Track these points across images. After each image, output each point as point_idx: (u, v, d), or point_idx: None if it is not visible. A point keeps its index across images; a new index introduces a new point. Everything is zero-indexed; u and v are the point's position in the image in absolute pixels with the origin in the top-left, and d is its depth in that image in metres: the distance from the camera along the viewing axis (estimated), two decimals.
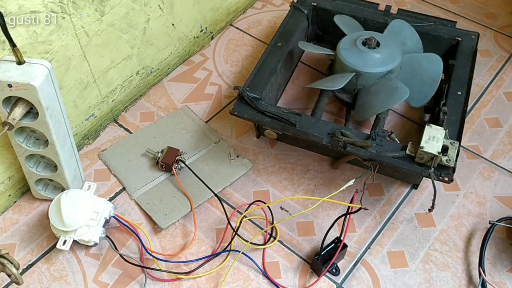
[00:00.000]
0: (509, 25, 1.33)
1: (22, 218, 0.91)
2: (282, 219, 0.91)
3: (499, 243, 0.89)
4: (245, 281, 0.84)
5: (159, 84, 1.17)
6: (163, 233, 0.90)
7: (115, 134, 1.06)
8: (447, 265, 0.86)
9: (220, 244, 0.87)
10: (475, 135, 1.06)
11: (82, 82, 0.96)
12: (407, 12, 1.13)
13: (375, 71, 0.96)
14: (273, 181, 0.98)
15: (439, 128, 0.85)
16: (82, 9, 0.87)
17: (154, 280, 0.83)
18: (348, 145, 0.85)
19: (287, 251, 0.88)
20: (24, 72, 0.74)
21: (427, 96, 0.97)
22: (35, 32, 0.80)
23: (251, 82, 0.97)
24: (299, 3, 1.16)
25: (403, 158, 0.84)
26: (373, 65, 0.96)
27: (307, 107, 1.10)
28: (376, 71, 0.96)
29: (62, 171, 0.87)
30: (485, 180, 0.98)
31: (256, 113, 0.92)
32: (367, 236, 0.90)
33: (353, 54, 0.97)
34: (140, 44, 1.05)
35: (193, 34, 1.21)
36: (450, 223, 0.92)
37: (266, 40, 1.27)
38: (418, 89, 0.97)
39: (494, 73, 1.20)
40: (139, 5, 0.99)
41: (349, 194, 0.94)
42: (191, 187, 0.95)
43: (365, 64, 0.96)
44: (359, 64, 0.96)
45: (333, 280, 0.84)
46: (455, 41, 1.08)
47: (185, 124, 1.07)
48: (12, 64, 0.75)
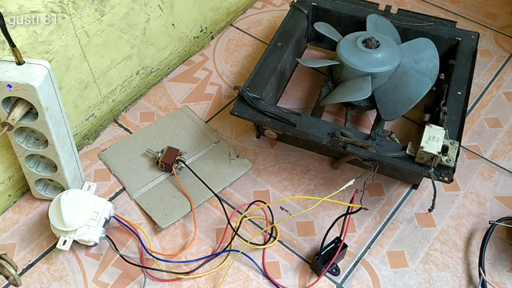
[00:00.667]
0: (509, 25, 1.33)
1: (22, 218, 0.91)
2: (282, 219, 0.91)
3: (499, 243, 0.89)
4: (245, 281, 0.84)
5: (159, 84, 1.17)
6: (163, 233, 0.90)
7: (115, 134, 1.06)
8: (447, 265, 0.86)
9: (220, 244, 0.87)
10: (475, 135, 1.06)
11: (82, 82, 0.96)
12: (407, 12, 1.13)
13: (388, 69, 0.96)
14: (273, 181, 0.98)
15: (439, 128, 0.85)
16: (82, 9, 0.86)
17: (154, 280, 0.83)
18: (348, 145, 0.85)
19: (287, 251, 0.88)
20: (24, 72, 0.74)
21: (397, 113, 0.95)
22: (35, 32, 0.80)
23: (251, 82, 0.97)
24: (299, 3, 1.16)
25: (403, 158, 0.84)
26: (383, 63, 0.96)
27: (307, 107, 1.10)
28: (388, 68, 0.96)
29: (62, 171, 0.87)
30: (485, 180, 0.98)
31: (256, 113, 0.92)
32: (367, 236, 0.90)
33: (358, 57, 0.97)
34: (140, 44, 1.05)
35: (193, 34, 1.21)
36: (450, 223, 0.92)
37: (266, 40, 1.27)
38: (393, 103, 0.96)
39: (494, 73, 1.20)
40: (139, 5, 0.99)
41: (349, 194, 0.94)
42: (191, 187, 0.95)
43: (376, 64, 0.96)
44: (369, 66, 0.96)
45: (333, 280, 0.84)
46: (455, 41, 1.08)
47: (185, 124, 1.07)
48: (12, 64, 0.75)
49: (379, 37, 0.99)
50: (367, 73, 0.96)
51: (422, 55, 1.02)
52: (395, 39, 1.05)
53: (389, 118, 0.96)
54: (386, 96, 0.97)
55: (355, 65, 0.97)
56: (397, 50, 1.00)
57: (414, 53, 1.03)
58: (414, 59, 1.02)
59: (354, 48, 0.98)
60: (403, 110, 0.94)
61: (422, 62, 1.02)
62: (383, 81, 0.98)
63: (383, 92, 0.97)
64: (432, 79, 1.00)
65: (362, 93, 0.94)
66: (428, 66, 1.02)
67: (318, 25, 1.09)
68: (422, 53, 1.03)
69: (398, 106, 0.95)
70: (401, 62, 0.99)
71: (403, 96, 0.95)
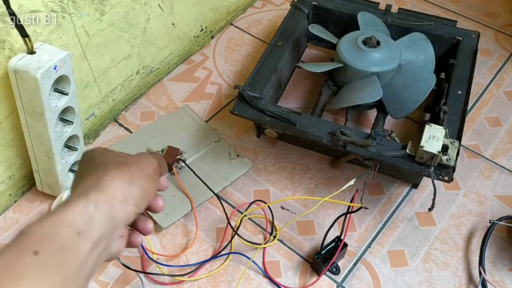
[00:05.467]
0: (509, 24, 1.33)
1: (23, 218, 0.92)
2: (282, 218, 0.92)
3: (499, 242, 0.89)
4: (245, 280, 0.84)
5: (159, 83, 1.17)
6: (163, 232, 0.90)
7: (115, 133, 1.06)
8: (447, 264, 0.86)
9: (221, 243, 0.87)
10: (475, 134, 1.06)
11: (82, 81, 0.96)
12: (408, 11, 1.13)
13: (391, 67, 0.97)
14: (273, 180, 0.98)
15: (439, 127, 0.85)
16: (82, 9, 0.86)
17: (153, 282, 0.83)
18: (348, 144, 0.86)
19: (287, 250, 0.88)
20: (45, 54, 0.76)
21: (406, 110, 0.95)
22: (35, 31, 0.80)
23: (252, 81, 0.97)
24: (300, 2, 1.16)
25: (403, 157, 0.84)
26: (386, 62, 0.97)
27: (307, 106, 1.10)
28: (391, 66, 0.97)
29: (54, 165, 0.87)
30: (485, 179, 0.98)
31: (256, 112, 0.92)
32: (368, 235, 0.90)
33: (361, 58, 0.97)
34: (140, 44, 1.05)
35: (193, 34, 1.21)
36: (450, 222, 0.92)
37: (267, 40, 1.27)
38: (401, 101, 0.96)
39: (494, 72, 1.20)
40: (139, 5, 0.99)
41: (349, 193, 0.94)
42: (192, 187, 0.95)
43: (379, 63, 0.96)
44: (373, 65, 0.96)
45: (333, 279, 0.84)
46: (456, 40, 1.08)
47: (185, 124, 1.07)
48: (26, 56, 0.75)
49: (377, 35, 0.99)
50: (372, 73, 0.96)
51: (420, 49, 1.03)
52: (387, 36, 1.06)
53: (399, 116, 0.97)
54: (394, 94, 0.97)
55: (359, 66, 0.96)
56: (397, 47, 1.00)
57: (411, 48, 1.03)
58: (413, 54, 1.03)
59: (355, 49, 0.98)
60: (413, 105, 0.95)
61: (421, 56, 1.03)
62: (387, 79, 0.98)
63: (389, 90, 0.97)
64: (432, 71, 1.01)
65: (374, 94, 0.94)
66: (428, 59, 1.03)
67: (312, 27, 1.09)
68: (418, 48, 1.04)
69: (406, 103, 0.95)
70: (401, 59, 0.99)
71: (410, 92, 0.96)
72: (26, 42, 0.74)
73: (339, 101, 0.99)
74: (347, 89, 0.99)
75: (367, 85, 0.96)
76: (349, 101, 0.97)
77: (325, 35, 1.07)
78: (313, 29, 1.08)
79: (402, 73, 0.99)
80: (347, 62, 0.97)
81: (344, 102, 0.98)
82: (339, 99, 1.00)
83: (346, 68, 0.98)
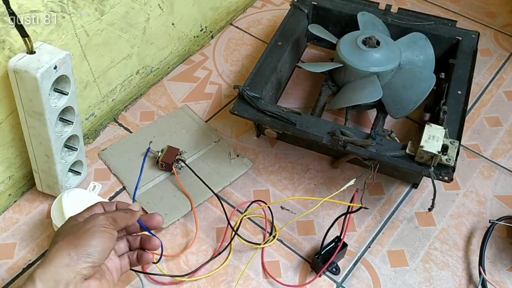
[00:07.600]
0: (509, 24, 1.33)
1: (22, 218, 0.92)
2: (282, 218, 0.92)
3: (499, 242, 0.89)
4: (245, 280, 0.84)
5: (159, 83, 1.17)
6: (163, 232, 0.90)
7: (115, 133, 1.06)
8: (447, 264, 0.86)
9: (221, 243, 0.87)
10: (475, 134, 1.06)
11: (82, 81, 0.96)
12: (408, 11, 1.13)
13: (391, 67, 0.97)
14: (273, 180, 0.98)
15: (439, 127, 0.85)
16: (82, 9, 0.86)
17: (153, 282, 0.83)
18: (348, 144, 0.86)
19: (287, 250, 0.88)
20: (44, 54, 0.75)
21: (406, 110, 0.95)
22: (35, 31, 0.80)
23: (251, 81, 0.97)
24: (299, 2, 1.16)
25: (403, 157, 0.84)
26: (386, 62, 0.97)
27: (307, 106, 1.10)
28: (391, 66, 0.97)
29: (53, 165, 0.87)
30: (485, 179, 0.98)
31: (256, 112, 0.92)
32: (367, 235, 0.90)
33: (361, 58, 0.97)
34: (140, 44, 1.05)
35: (193, 34, 1.21)
36: (450, 222, 0.92)
37: (266, 39, 1.27)
38: (401, 100, 0.96)
39: (494, 72, 1.20)
40: (139, 5, 0.99)
41: (349, 193, 0.94)
42: (191, 186, 0.95)
43: (379, 63, 0.96)
44: (373, 65, 0.96)
45: (333, 279, 0.84)
46: (456, 40, 1.08)
47: (185, 124, 1.07)
48: (26, 56, 0.75)
49: (377, 35, 0.99)
50: (372, 73, 0.96)
51: (419, 49, 1.03)
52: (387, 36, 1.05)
53: (399, 116, 0.96)
54: (393, 94, 0.97)
55: (359, 66, 0.96)
56: (396, 47, 1.00)
57: (411, 48, 1.03)
58: (413, 54, 1.03)
59: (355, 49, 0.98)
60: (413, 105, 0.94)
61: (421, 56, 1.03)
62: (387, 79, 0.98)
63: (389, 90, 0.97)
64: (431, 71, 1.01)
65: (374, 94, 0.94)
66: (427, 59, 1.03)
67: (312, 26, 1.09)
68: (418, 48, 1.04)
69: (406, 102, 0.95)
70: (401, 59, 0.99)
71: (410, 92, 0.96)
72: (26, 42, 0.74)
73: (339, 101, 0.99)
74: (347, 89, 0.99)
75: (367, 85, 0.96)
76: (349, 101, 0.97)
77: (325, 35, 1.07)
78: (313, 29, 1.08)
79: (402, 73, 0.99)
80: (347, 62, 0.97)
81: (344, 102, 0.98)
82: (339, 99, 1.00)
83: (346, 68, 0.98)
